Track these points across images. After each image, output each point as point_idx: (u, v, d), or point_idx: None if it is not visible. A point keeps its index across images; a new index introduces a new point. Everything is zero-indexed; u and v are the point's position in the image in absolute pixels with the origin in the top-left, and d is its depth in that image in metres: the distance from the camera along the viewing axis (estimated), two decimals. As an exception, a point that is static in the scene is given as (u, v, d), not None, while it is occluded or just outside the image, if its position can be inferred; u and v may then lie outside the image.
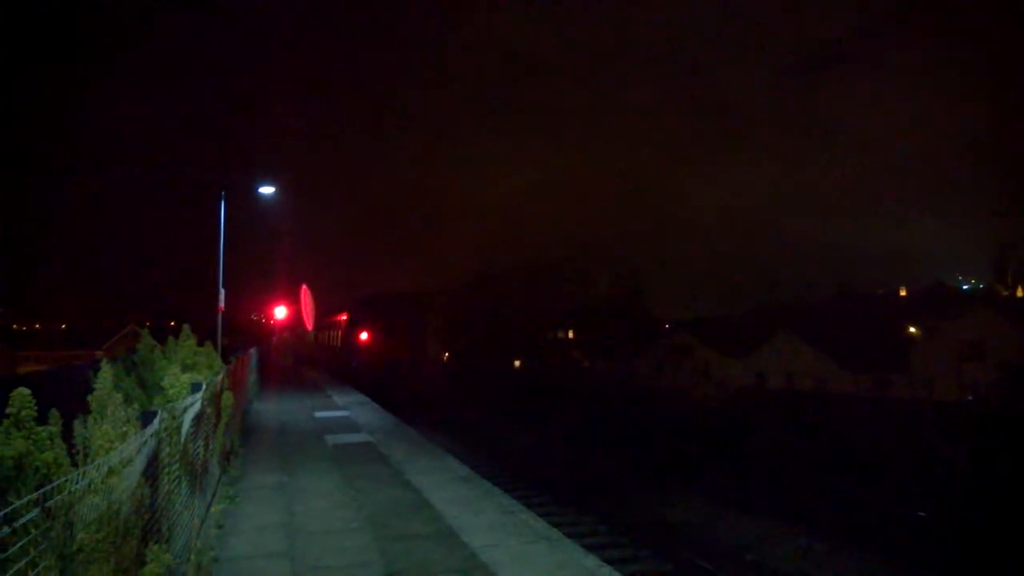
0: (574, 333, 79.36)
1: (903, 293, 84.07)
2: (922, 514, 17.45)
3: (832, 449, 26.27)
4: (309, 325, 69.00)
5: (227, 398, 10.31)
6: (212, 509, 8.64)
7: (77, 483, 3.07)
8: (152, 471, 4.59)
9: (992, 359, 38.23)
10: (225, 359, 14.79)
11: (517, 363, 78.23)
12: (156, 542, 4.45)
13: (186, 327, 10.44)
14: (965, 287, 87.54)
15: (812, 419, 33.52)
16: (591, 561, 7.31)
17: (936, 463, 23.32)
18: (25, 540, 2.63)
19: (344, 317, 52.48)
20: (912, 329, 52.61)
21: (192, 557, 6.33)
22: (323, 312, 62.95)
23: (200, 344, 10.92)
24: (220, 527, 8.34)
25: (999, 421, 28.27)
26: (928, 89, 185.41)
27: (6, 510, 2.55)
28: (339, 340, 53.32)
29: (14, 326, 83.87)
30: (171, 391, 6.56)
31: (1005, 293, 73.35)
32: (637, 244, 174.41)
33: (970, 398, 38.17)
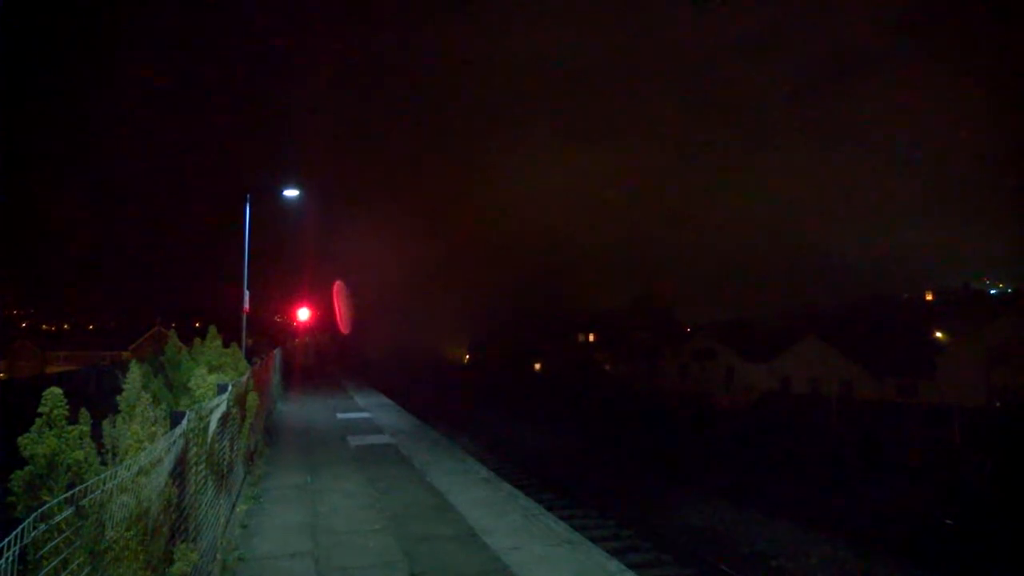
0: (596, 336, 79.24)
1: (929, 297, 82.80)
2: (949, 522, 17.16)
3: (859, 455, 25.94)
4: (343, 327, 73.04)
5: (252, 399, 10.40)
6: (237, 509, 8.71)
7: (109, 483, 3.11)
8: (180, 471, 4.64)
9: (1021, 364, 37.50)
10: (250, 360, 14.91)
11: (537, 366, 78.23)
12: (183, 541, 4.50)
13: (212, 328, 10.54)
14: (993, 291, 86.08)
15: (838, 424, 33.11)
16: (614, 565, 7.27)
17: (964, 470, 22.93)
18: (59, 539, 2.66)
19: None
20: (939, 334, 51.82)
21: (218, 556, 6.40)
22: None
23: (225, 345, 11.02)
24: (245, 527, 8.41)
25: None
26: (954, 93, 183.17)
27: (42, 509, 2.58)
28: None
29: (43, 326, 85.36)
30: (198, 392, 6.62)
31: (1034, 298, 71.90)
32: (660, 249, 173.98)
33: (998, 404, 37.45)
